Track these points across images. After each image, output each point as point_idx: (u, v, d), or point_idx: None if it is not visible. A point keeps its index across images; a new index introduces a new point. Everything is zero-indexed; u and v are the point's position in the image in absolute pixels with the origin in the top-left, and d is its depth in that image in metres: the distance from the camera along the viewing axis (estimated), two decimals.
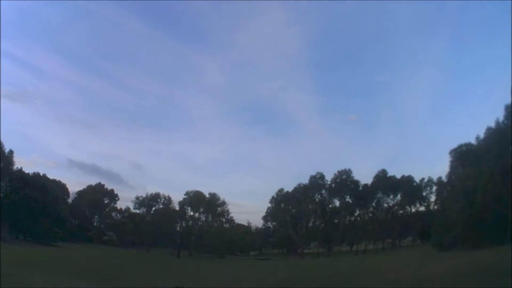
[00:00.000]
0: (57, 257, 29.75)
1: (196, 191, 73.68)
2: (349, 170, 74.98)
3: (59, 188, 58.21)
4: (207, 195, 74.28)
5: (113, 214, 74.81)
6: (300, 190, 74.88)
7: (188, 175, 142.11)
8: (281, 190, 78.48)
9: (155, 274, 27.75)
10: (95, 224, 73.73)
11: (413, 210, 72.97)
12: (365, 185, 73.62)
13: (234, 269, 38.03)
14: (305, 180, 75.77)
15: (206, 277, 28.28)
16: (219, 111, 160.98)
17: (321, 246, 75.80)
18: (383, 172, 72.78)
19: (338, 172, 74.76)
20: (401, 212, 72.68)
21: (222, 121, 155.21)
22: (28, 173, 47.34)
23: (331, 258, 60.88)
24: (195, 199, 72.19)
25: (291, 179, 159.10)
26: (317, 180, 74.64)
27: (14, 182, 44.03)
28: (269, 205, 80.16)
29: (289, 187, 76.92)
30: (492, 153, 33.98)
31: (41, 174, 51.10)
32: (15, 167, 46.15)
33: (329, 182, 74.97)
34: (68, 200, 68.52)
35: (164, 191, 78.87)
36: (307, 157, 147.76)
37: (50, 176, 57.86)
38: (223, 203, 75.61)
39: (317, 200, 75.39)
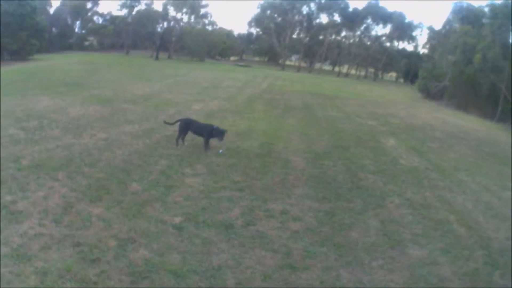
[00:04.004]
0: (29, 71, 26.06)
1: None
2: None
3: None
4: None
5: (95, 18, 68.75)
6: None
7: None
8: None
9: (128, 79, 24.81)
10: (76, 30, 68.45)
11: (400, 47, 72.16)
12: (355, 9, 69.49)
13: (212, 74, 35.10)
14: None
15: (178, 82, 25.49)
16: None
17: (303, 61, 74.08)
18: (376, 2, 68.88)
19: None
20: (388, 44, 70.44)
21: None
22: None
23: (313, 74, 58.87)
24: None
25: None
26: None
27: None
28: (256, 11, 76.44)
29: None
30: (496, 22, 29.94)
31: None
32: None
33: None
34: (49, 10, 62.61)
35: None
36: None
37: None
38: (207, 5, 70.02)
39: (304, 12, 71.09)
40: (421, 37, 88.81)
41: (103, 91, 18.44)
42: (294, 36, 72.66)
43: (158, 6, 68.99)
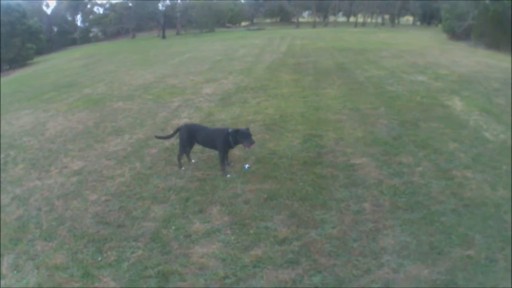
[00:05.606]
0: (22, 79, 23.14)
1: None
2: None
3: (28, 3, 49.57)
4: None
5: (95, 9, 66.24)
6: None
7: None
8: None
9: (128, 66, 21.48)
10: (79, 24, 65.98)
11: None
12: None
13: (224, 44, 31.08)
14: None
15: (185, 61, 22.11)
16: None
17: (316, 16, 69.68)
18: None
19: None
20: None
21: None
22: None
23: (329, 28, 54.09)
24: None
25: None
26: None
27: None
28: None
29: None
30: None
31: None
32: None
33: None
34: (47, 11, 60.91)
35: None
36: None
37: None
38: None
39: None
40: None
41: (96, 88, 15.25)
42: None
43: None
